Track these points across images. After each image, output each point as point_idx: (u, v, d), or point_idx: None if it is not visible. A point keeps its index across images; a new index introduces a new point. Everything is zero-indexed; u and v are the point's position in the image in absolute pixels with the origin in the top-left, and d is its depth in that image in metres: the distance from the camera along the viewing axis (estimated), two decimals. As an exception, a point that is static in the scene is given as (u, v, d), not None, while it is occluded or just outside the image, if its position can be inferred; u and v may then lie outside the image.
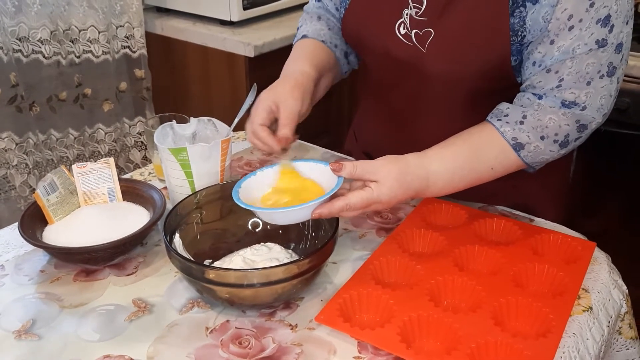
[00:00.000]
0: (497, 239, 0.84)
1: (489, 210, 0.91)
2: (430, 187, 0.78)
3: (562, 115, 0.78)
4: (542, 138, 0.79)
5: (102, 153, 1.93)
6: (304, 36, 0.99)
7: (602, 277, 0.78)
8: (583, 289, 0.75)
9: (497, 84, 0.85)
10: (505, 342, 0.65)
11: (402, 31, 0.87)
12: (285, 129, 0.83)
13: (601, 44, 0.75)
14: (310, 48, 0.97)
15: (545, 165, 0.85)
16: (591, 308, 0.73)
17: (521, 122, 0.79)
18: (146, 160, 2.00)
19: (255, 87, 0.91)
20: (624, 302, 0.78)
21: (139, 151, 2.00)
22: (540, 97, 0.79)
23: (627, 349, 0.80)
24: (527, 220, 0.90)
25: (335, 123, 2.02)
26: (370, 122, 1.07)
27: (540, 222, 0.90)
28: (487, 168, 0.80)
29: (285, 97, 0.84)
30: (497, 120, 0.80)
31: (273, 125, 0.85)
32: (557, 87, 0.77)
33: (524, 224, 0.86)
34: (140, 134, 1.98)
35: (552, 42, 0.76)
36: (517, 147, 0.79)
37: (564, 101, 0.78)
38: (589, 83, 0.76)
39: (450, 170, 0.78)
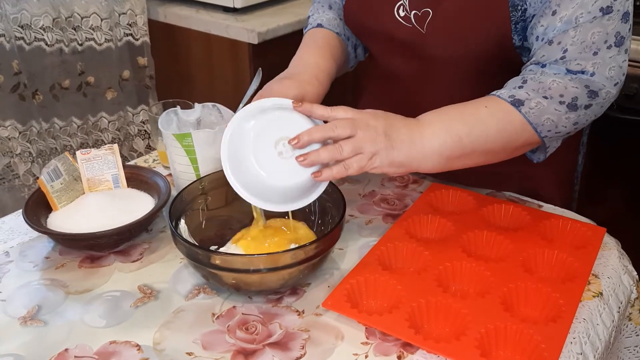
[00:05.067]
0: (506, 224, 0.83)
1: (497, 196, 0.90)
2: (423, 123, 0.74)
3: (569, 81, 0.74)
4: (545, 97, 0.74)
5: (106, 141, 1.92)
6: (320, 25, 0.97)
7: (612, 263, 0.77)
8: (593, 275, 0.75)
9: (502, 65, 0.84)
10: (515, 328, 0.64)
11: (402, 13, 0.86)
12: None
13: (606, 11, 0.72)
14: (330, 42, 0.95)
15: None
16: (601, 293, 0.72)
17: (520, 87, 0.75)
18: (150, 148, 1.99)
19: (260, 72, 0.90)
20: (634, 287, 0.78)
21: (143, 140, 2.00)
22: (543, 66, 0.76)
23: (637, 335, 0.79)
24: (536, 206, 0.89)
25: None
26: (376, 108, 1.06)
27: (549, 208, 0.89)
28: (481, 106, 0.75)
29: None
30: (495, 91, 0.78)
31: None
32: (562, 58, 0.74)
33: (533, 210, 0.85)
34: (143, 123, 1.97)
35: (554, 13, 0.74)
36: (516, 103, 0.74)
37: (569, 70, 0.74)
38: (595, 53, 0.73)
39: (442, 115, 0.75)
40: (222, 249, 0.78)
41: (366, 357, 0.63)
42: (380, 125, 0.72)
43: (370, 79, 1.06)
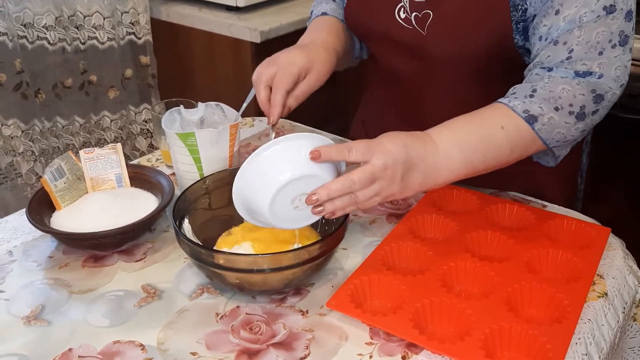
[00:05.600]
0: (510, 224, 0.82)
1: (501, 196, 0.90)
2: (441, 155, 0.70)
3: (577, 85, 0.73)
4: (557, 109, 0.73)
5: (108, 140, 1.93)
6: (324, 13, 0.98)
7: (617, 263, 0.77)
8: (598, 275, 0.74)
9: (503, 65, 0.83)
10: (520, 328, 0.64)
11: (402, 15, 0.86)
12: (295, 101, 0.84)
13: (609, 10, 0.72)
14: (335, 25, 0.95)
15: None
16: (606, 294, 0.72)
17: (531, 96, 0.74)
18: (152, 148, 1.99)
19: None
20: (639, 288, 0.77)
21: (145, 139, 2.00)
22: (550, 70, 0.75)
23: (642, 336, 0.79)
24: (540, 205, 0.89)
25: (340, 111, 2.01)
26: (378, 110, 1.06)
27: (554, 207, 0.88)
28: (497, 128, 0.73)
29: (316, 73, 0.83)
30: (505, 98, 0.76)
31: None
32: (568, 59, 0.74)
33: (537, 210, 0.85)
34: (146, 122, 1.97)
35: (557, 13, 0.74)
36: (530, 119, 0.73)
37: (577, 72, 0.73)
38: (600, 53, 0.73)
39: (463, 144, 0.72)
40: (235, 249, 0.77)
41: (370, 357, 0.63)
42: (399, 168, 0.68)
43: (372, 79, 1.06)
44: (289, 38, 1.69)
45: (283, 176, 0.66)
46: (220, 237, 0.80)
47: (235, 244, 0.77)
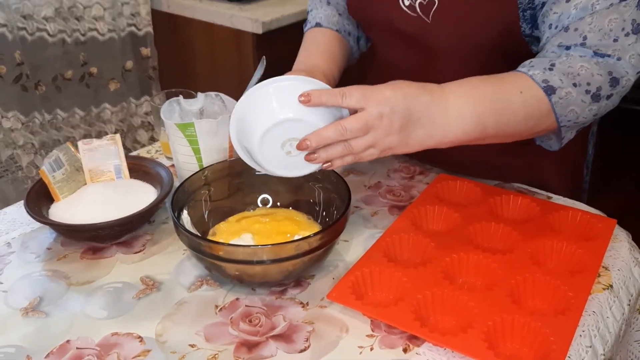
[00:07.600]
0: (514, 216, 0.81)
1: (505, 187, 0.89)
2: (451, 110, 0.67)
3: (595, 65, 0.71)
4: (575, 85, 0.71)
5: (109, 133, 1.92)
6: (318, 24, 0.96)
7: (622, 255, 0.76)
8: (603, 267, 0.73)
9: (507, 56, 0.82)
10: (523, 321, 0.63)
11: (406, 2, 0.85)
12: None
13: None
14: (329, 43, 0.94)
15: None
16: (611, 286, 0.71)
17: (550, 69, 0.72)
18: (153, 140, 1.99)
19: (264, 60, 0.89)
20: (645, 280, 0.76)
21: (146, 131, 1.99)
22: (568, 48, 0.73)
23: (647, 329, 0.78)
24: (545, 197, 0.88)
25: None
26: None
27: (559, 199, 0.87)
28: (515, 91, 0.70)
29: None
30: (522, 67, 0.74)
31: None
32: (582, 44, 0.72)
33: (541, 201, 0.83)
34: (147, 114, 1.96)
35: (567, 0, 0.73)
36: (549, 90, 0.70)
37: (596, 51, 0.72)
38: (615, 40, 0.71)
39: (476, 103, 0.68)
40: (235, 240, 0.76)
41: (371, 349, 0.62)
42: (396, 118, 0.65)
43: (373, 70, 1.05)
44: (290, 29, 1.68)
45: (268, 119, 0.66)
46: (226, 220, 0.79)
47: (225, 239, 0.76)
